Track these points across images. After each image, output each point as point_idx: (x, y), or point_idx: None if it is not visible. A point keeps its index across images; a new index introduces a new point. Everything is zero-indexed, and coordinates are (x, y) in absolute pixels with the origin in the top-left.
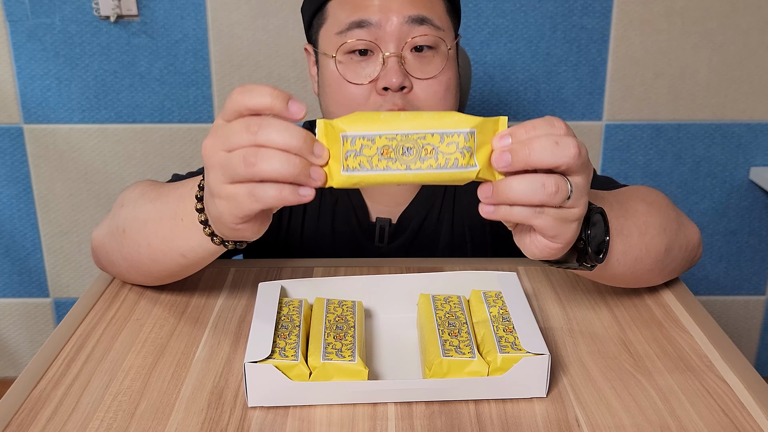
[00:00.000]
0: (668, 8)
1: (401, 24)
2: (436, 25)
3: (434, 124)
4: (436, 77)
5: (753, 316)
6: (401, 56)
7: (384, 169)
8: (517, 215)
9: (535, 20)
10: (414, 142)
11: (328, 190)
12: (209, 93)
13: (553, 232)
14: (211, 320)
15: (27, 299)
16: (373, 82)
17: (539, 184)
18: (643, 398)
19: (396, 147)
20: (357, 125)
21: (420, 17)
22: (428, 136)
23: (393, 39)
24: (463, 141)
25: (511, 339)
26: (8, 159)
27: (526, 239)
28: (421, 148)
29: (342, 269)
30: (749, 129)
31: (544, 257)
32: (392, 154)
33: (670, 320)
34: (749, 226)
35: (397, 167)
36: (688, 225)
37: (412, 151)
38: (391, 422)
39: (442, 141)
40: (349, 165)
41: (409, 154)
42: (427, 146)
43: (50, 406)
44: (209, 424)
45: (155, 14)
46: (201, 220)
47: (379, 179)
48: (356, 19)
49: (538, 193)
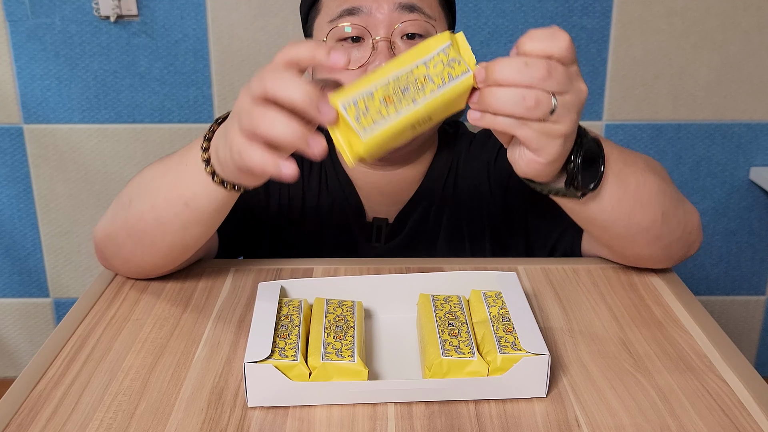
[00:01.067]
0: (668, 8)
1: (391, 11)
2: (427, 14)
3: (413, 57)
4: None
5: (753, 316)
6: (391, 41)
7: (396, 113)
8: (500, 124)
9: (535, 20)
10: (406, 80)
11: (325, 190)
12: (209, 93)
13: (536, 145)
14: (211, 320)
15: (27, 299)
16: (364, 67)
17: (520, 97)
18: (642, 398)
19: (394, 90)
20: (348, 92)
21: (410, 5)
22: (414, 69)
23: (383, 25)
24: (445, 56)
25: (511, 339)
26: (8, 159)
27: (515, 153)
28: (415, 80)
29: (342, 269)
30: (749, 129)
31: (531, 174)
32: (394, 98)
33: (670, 320)
34: (749, 226)
35: (405, 106)
36: (687, 204)
37: (409, 87)
38: (391, 422)
39: (428, 67)
40: (364, 125)
41: (408, 92)
42: (419, 77)
43: (50, 406)
44: (209, 424)
45: (155, 14)
46: (204, 158)
47: (399, 125)
48: (347, 7)
49: (518, 105)
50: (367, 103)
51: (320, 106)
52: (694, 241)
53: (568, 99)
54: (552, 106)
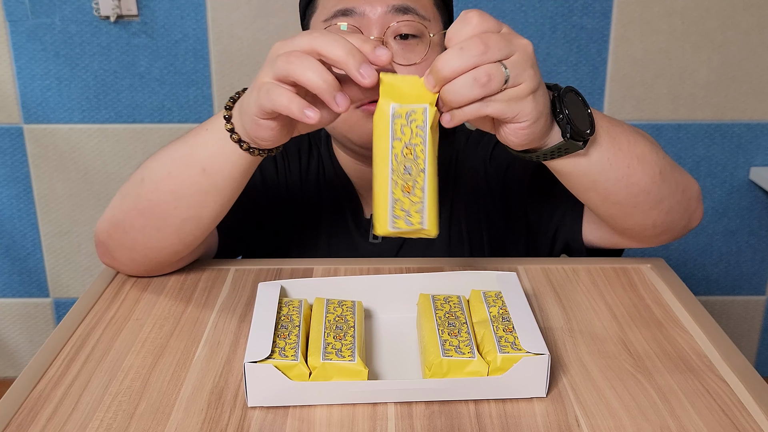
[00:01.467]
0: (668, 8)
1: (385, 13)
2: (421, 14)
3: (383, 143)
4: (418, 65)
5: (753, 316)
6: (384, 41)
7: (422, 190)
8: (469, 113)
9: (535, 20)
10: (400, 164)
11: (323, 186)
12: (209, 93)
13: (511, 113)
14: (211, 320)
15: (27, 299)
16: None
17: (471, 80)
18: (642, 398)
19: (402, 179)
20: (381, 217)
21: (404, 6)
22: (393, 151)
23: (377, 26)
24: (399, 119)
25: (510, 339)
26: (8, 159)
27: (501, 132)
28: (404, 157)
29: (342, 269)
30: (749, 129)
31: (524, 142)
32: (410, 184)
33: (670, 320)
34: (749, 226)
35: (422, 178)
36: (685, 172)
37: (408, 166)
38: (391, 422)
39: (399, 139)
40: (416, 220)
41: (411, 170)
42: (403, 152)
43: (50, 406)
44: (209, 424)
45: (155, 14)
46: (225, 116)
47: (432, 190)
48: (341, 8)
49: (474, 88)
50: (401, 207)
51: (361, 68)
52: (694, 210)
53: (516, 59)
54: (504, 73)
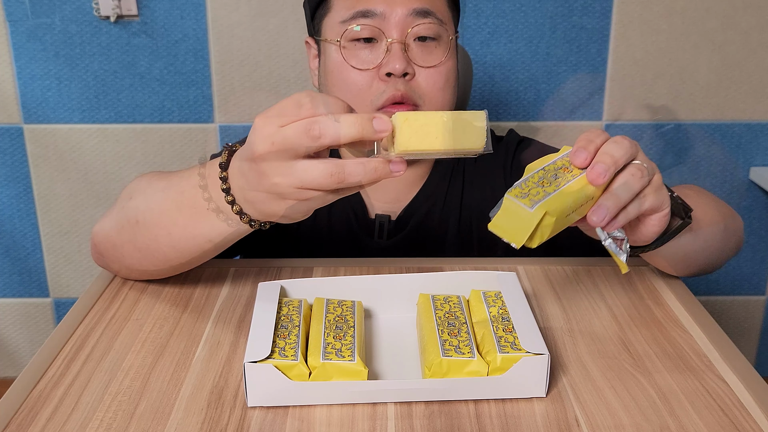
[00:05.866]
0: (668, 8)
1: (405, 16)
2: (439, 18)
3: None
4: (437, 67)
5: (753, 316)
6: (405, 43)
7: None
8: (632, 212)
9: (535, 20)
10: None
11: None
12: (209, 93)
13: (659, 202)
14: (211, 320)
15: (27, 299)
16: (377, 68)
17: (630, 177)
18: (642, 398)
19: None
20: (557, 206)
21: (424, 10)
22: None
23: (397, 28)
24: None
25: (510, 339)
26: (8, 159)
27: (642, 230)
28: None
29: (342, 269)
30: (749, 129)
31: (662, 227)
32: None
33: (670, 320)
34: (749, 226)
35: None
36: (734, 213)
37: (557, 175)
38: (390, 422)
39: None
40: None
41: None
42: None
43: (50, 406)
44: (209, 424)
45: (155, 14)
46: (236, 211)
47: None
48: (361, 9)
49: (635, 184)
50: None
51: (374, 123)
52: (741, 243)
53: (639, 156)
54: (644, 165)
